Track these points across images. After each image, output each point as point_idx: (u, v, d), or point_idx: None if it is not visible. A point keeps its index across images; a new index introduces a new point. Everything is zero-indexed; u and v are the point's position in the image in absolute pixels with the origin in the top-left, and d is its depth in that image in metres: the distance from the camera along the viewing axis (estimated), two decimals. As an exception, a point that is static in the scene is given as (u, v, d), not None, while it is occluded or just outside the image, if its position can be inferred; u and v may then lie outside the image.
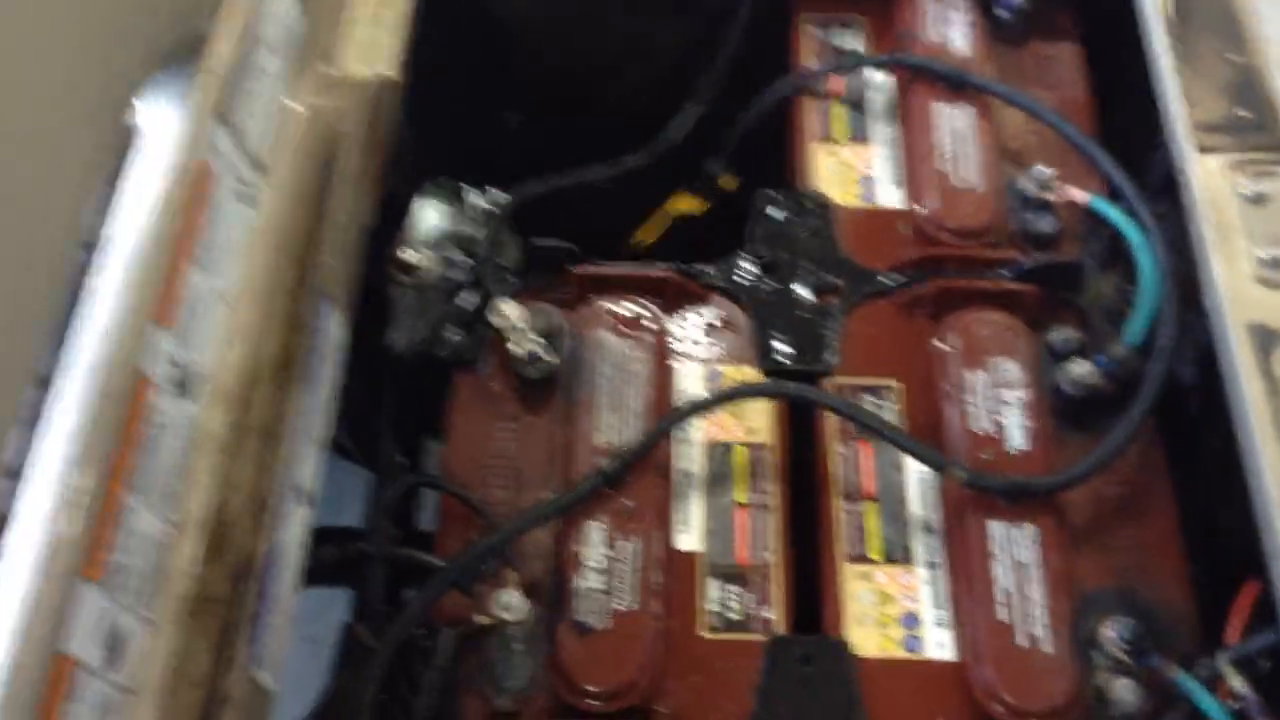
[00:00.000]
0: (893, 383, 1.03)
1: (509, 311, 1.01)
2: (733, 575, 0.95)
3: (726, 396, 0.97)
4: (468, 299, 1.07)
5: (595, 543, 0.93)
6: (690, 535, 0.97)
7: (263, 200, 0.87)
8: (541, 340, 1.01)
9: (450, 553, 0.96)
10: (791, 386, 0.97)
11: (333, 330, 0.90)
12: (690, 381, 1.04)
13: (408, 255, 1.07)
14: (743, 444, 1.01)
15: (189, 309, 0.78)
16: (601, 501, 0.94)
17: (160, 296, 0.75)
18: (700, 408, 0.96)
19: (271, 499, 0.80)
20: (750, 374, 1.04)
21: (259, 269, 0.85)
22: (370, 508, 1.02)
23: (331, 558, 0.92)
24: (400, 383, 1.09)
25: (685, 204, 1.30)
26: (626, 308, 1.04)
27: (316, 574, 0.91)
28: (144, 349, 0.73)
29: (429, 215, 1.11)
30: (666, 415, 0.96)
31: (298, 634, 1.58)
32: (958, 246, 1.08)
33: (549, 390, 1.03)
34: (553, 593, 0.93)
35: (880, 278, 1.08)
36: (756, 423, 1.02)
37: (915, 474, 0.99)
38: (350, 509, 1.80)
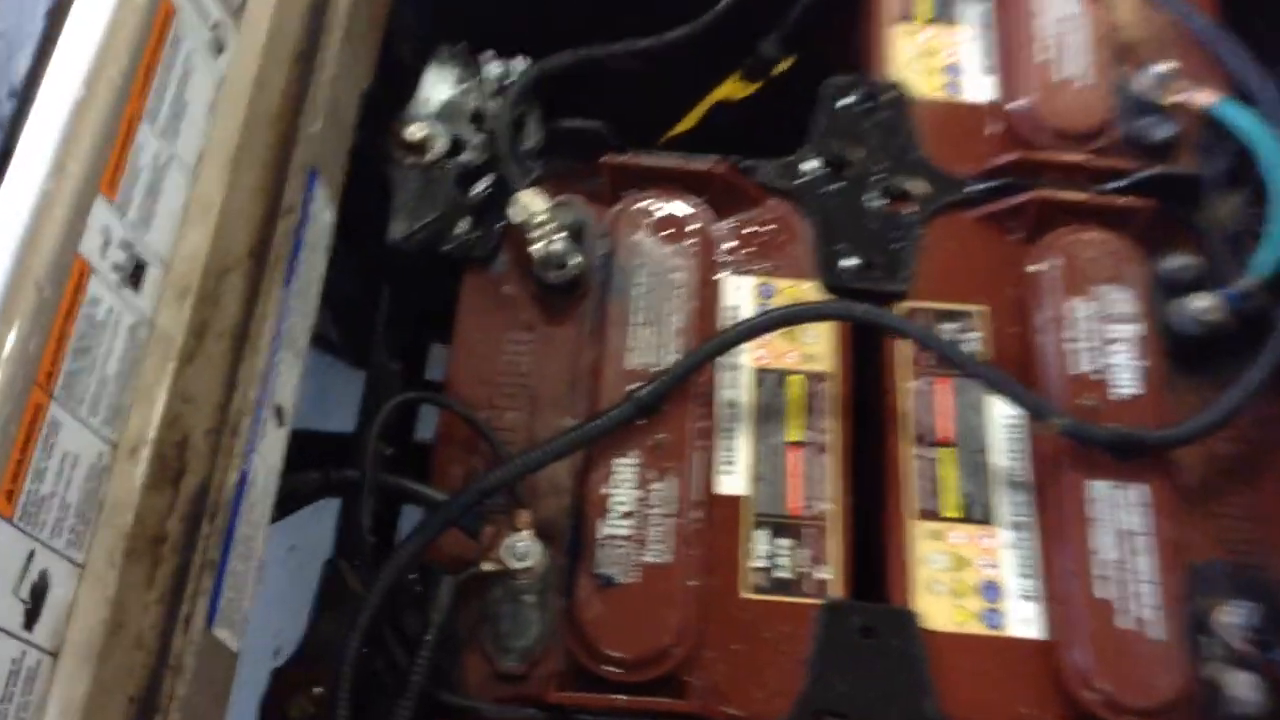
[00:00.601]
0: (977, 309, 0.88)
1: (529, 203, 0.86)
2: (783, 526, 0.81)
3: (784, 319, 0.81)
4: (481, 186, 0.91)
5: (624, 482, 0.79)
6: (735, 477, 0.82)
7: (236, 48, 0.70)
8: (566, 239, 0.86)
9: (451, 481, 0.82)
10: (860, 308, 0.82)
11: (319, 213, 0.74)
12: (740, 296, 0.88)
13: (413, 131, 0.91)
14: (798, 372, 0.86)
15: (141, 179, 0.62)
16: (632, 434, 0.80)
17: (106, 162, 0.59)
18: (753, 330, 0.81)
19: (239, 418, 0.65)
20: (810, 291, 0.89)
21: (229, 133, 0.69)
22: (358, 422, 0.87)
23: (311, 485, 0.77)
24: (399, 280, 0.94)
25: (730, 88, 1.13)
26: (668, 206, 0.89)
27: (291, 502, 0.77)
28: (84, 226, 0.58)
29: (440, 86, 0.95)
30: (713, 338, 0.81)
31: (275, 543, 1.45)
32: (1058, 152, 0.92)
33: (573, 298, 0.87)
34: (571, 538, 0.79)
35: (966, 185, 0.92)
36: (815, 348, 0.87)
37: (1001, 417, 0.84)
38: (336, 413, 1.65)
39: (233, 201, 0.68)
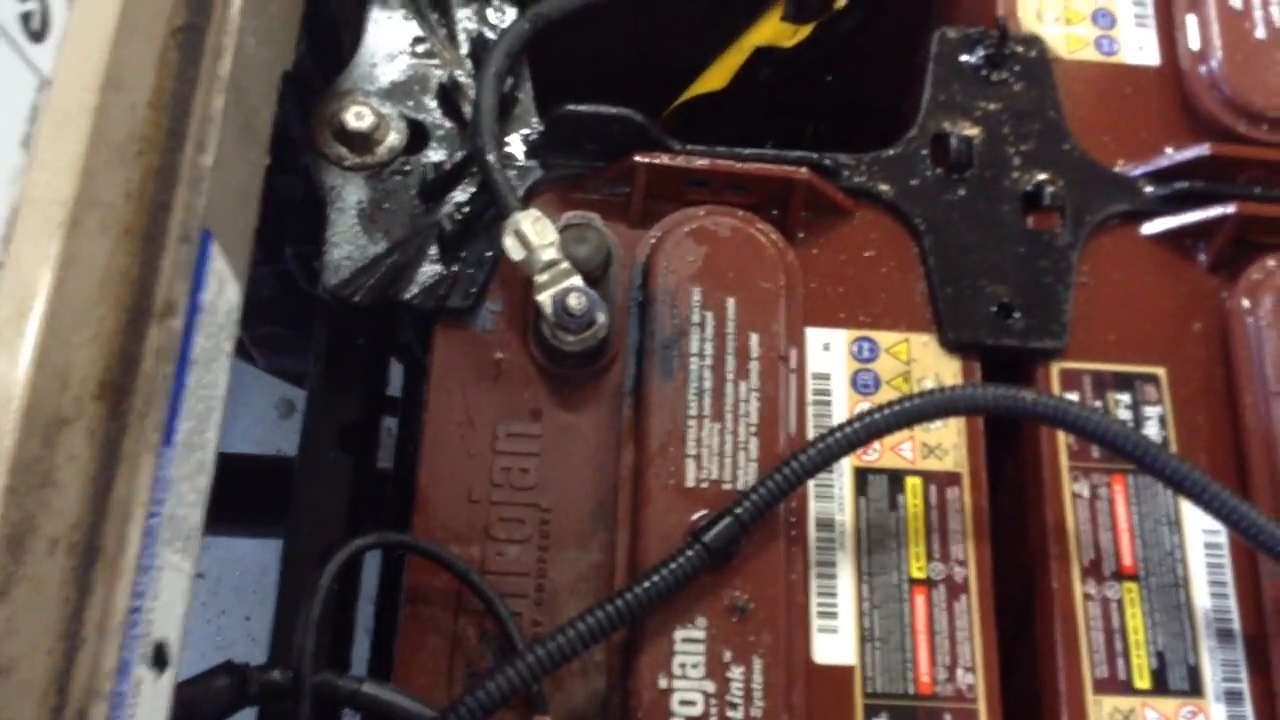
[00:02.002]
0: (1156, 370, 0.63)
1: (532, 231, 0.58)
2: (909, 713, 0.56)
3: (919, 412, 0.55)
4: (455, 199, 0.63)
5: (690, 670, 0.53)
6: (837, 639, 0.57)
7: (67, 31, 0.41)
8: (582, 285, 0.58)
9: (426, 674, 0.55)
10: (1040, 400, 0.56)
11: (216, 300, 0.46)
12: (829, 360, 0.62)
13: (353, 116, 0.62)
14: (917, 473, 0.61)
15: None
16: (699, 592, 0.54)
17: None
18: (871, 433, 0.55)
19: (88, 691, 0.38)
20: (928, 348, 0.63)
21: (57, 181, 0.40)
22: (280, 573, 0.60)
23: (219, 698, 0.50)
24: (342, 335, 0.66)
25: (772, 30, 0.85)
26: (732, 228, 0.61)
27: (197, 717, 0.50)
28: None
29: (389, 46, 0.65)
30: (812, 443, 0.55)
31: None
32: (1267, 142, 0.66)
33: (599, 370, 0.61)
34: (615, 755, 0.54)
35: (1138, 188, 0.66)
36: (939, 435, 0.61)
37: (1201, 532, 0.60)
38: (245, 423, 1.37)
39: (65, 303, 0.39)
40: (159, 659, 0.42)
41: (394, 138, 0.63)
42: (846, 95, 0.88)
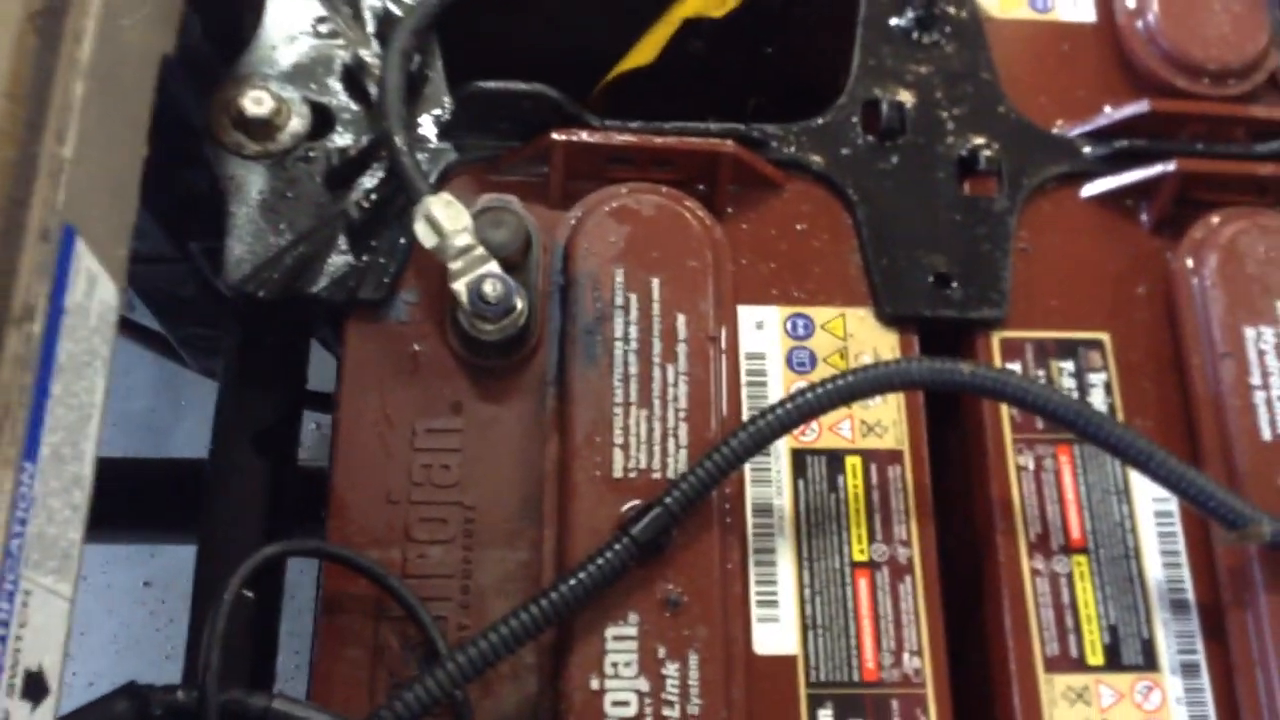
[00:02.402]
0: (1100, 336, 0.61)
1: (445, 216, 0.55)
2: (854, 701, 0.54)
3: (854, 389, 0.53)
4: (364, 186, 0.60)
5: (623, 668, 0.51)
6: (778, 628, 0.55)
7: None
8: (498, 271, 0.56)
9: (345, 686, 0.53)
10: (978, 372, 0.54)
11: (85, 302, 0.43)
12: (763, 339, 0.60)
13: (252, 102, 0.59)
14: (856, 452, 0.58)
15: None
16: (629, 588, 0.52)
17: None
18: (805, 413, 0.53)
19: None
20: (864, 322, 0.60)
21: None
22: (193, 595, 0.57)
23: (125, 717, 0.47)
24: (249, 331, 0.63)
25: (700, 1, 0.82)
26: (655, 206, 0.59)
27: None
28: None
29: (290, 26, 0.62)
30: (743, 425, 0.53)
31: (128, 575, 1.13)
32: (1208, 96, 0.64)
33: (521, 360, 0.58)
34: (547, 762, 0.51)
35: (1076, 149, 0.64)
36: (878, 413, 0.59)
37: (1149, 501, 0.58)
38: (189, 426, 1.33)
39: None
40: (33, 689, 0.39)
41: (296, 123, 0.59)
42: (788, 67, 0.86)
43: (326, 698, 0.52)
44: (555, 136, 0.59)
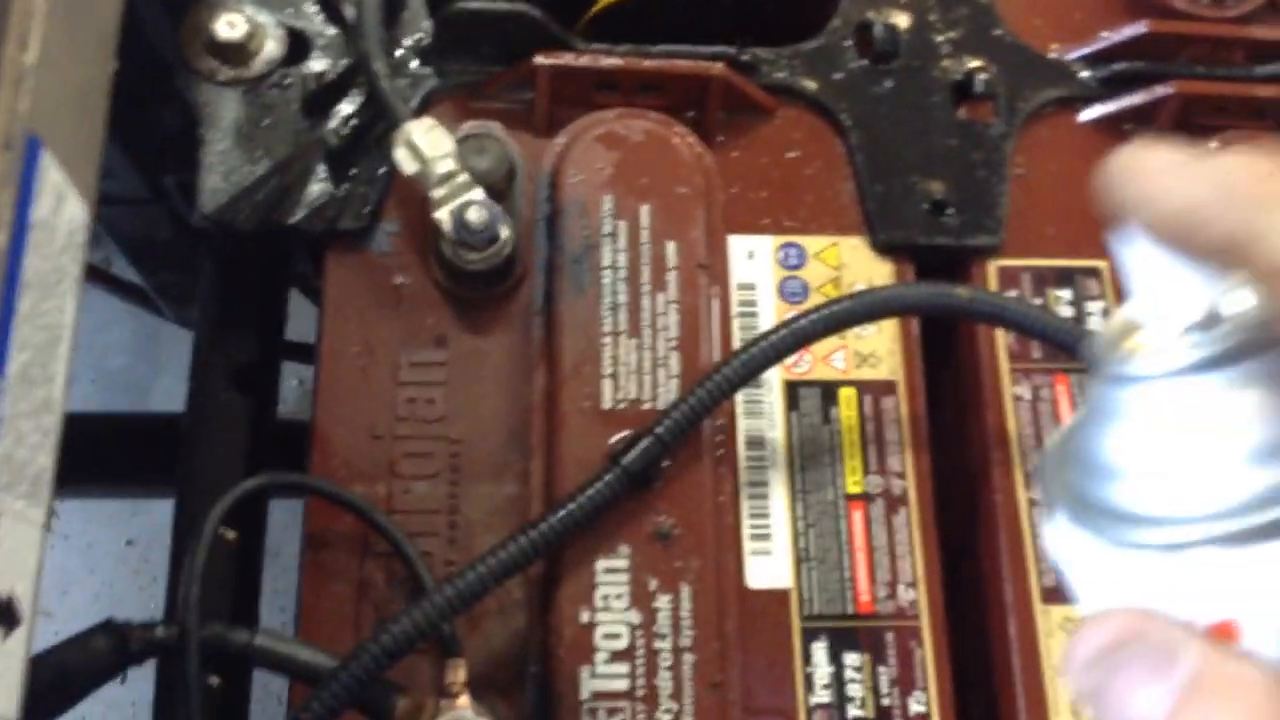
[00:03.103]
0: (1100, 264, 0.60)
1: (425, 141, 0.53)
2: (849, 634, 0.53)
3: (848, 315, 0.52)
4: (343, 113, 0.58)
5: (613, 600, 0.50)
6: (771, 561, 0.54)
7: None
8: (487, 197, 0.54)
9: (331, 621, 0.51)
10: (976, 296, 0.53)
11: (53, 217, 0.41)
12: (754, 268, 0.58)
13: (224, 25, 0.57)
14: (850, 383, 0.57)
15: None
16: (620, 520, 0.51)
17: None
18: (799, 339, 0.52)
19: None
20: (857, 251, 0.59)
21: None
22: (173, 538, 0.55)
23: (99, 660, 0.46)
24: (226, 265, 0.61)
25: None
26: (642, 132, 0.57)
27: (68, 691, 0.46)
28: None
29: (260, -54, 0.60)
30: (733, 354, 0.51)
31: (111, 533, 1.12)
32: (1206, 18, 0.62)
33: (506, 290, 0.56)
34: (536, 698, 0.50)
35: (1073, 73, 0.63)
36: (872, 343, 0.58)
37: (1148, 433, 0.57)
38: (168, 382, 1.30)
39: None
40: (6, 615, 0.37)
41: (271, 47, 0.58)
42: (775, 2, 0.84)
43: (312, 634, 0.50)
44: (540, 60, 0.57)
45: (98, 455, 0.85)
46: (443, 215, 0.53)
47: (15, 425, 0.37)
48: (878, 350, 0.57)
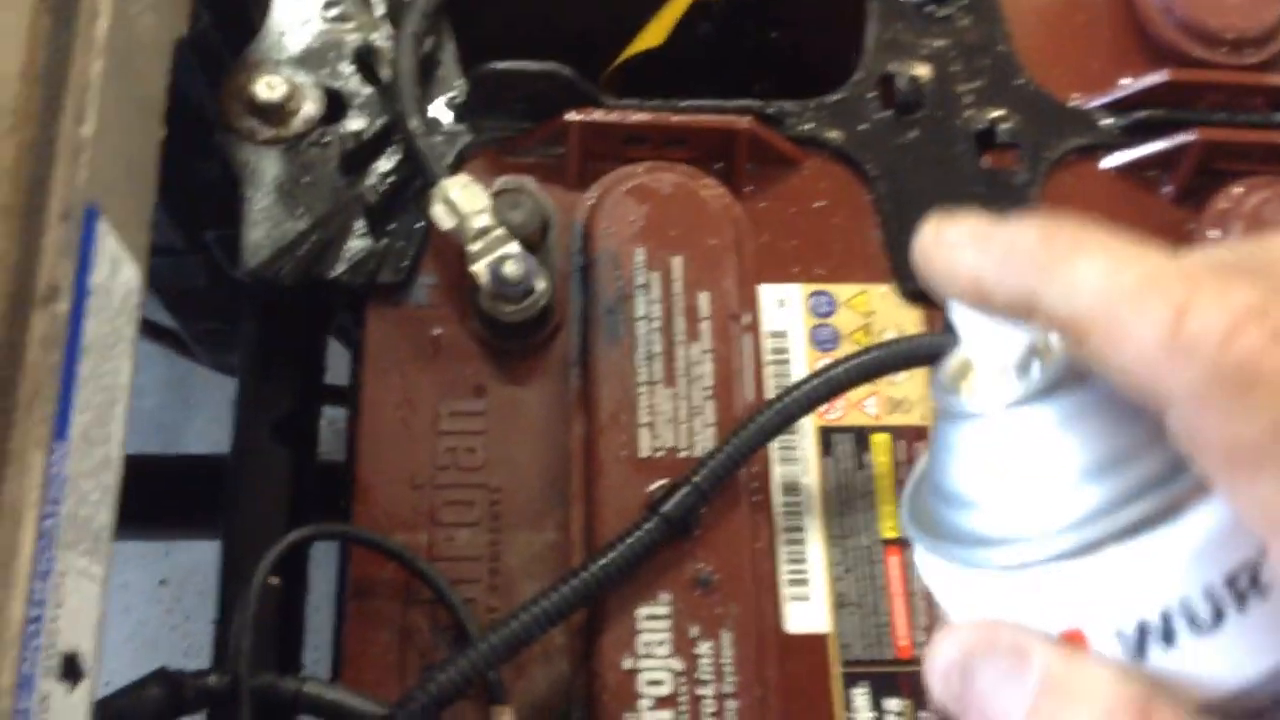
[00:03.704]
0: (1125, 308, 0.61)
1: (461, 198, 0.55)
2: (889, 680, 0.54)
3: (880, 364, 0.53)
4: (381, 170, 0.59)
5: (656, 647, 0.50)
6: (809, 607, 0.54)
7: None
8: (518, 250, 0.55)
9: (375, 669, 0.52)
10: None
11: (109, 282, 0.42)
12: (786, 316, 0.59)
13: (264, 87, 0.58)
14: (883, 429, 0.58)
15: None
16: (660, 566, 0.51)
17: None
18: (833, 388, 0.52)
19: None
20: (886, 299, 0.60)
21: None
22: (221, 572, 0.56)
23: (149, 708, 0.47)
24: (267, 320, 0.62)
25: (709, -21, 0.81)
26: (674, 184, 0.58)
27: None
28: None
29: (300, 8, 0.62)
30: (770, 403, 0.52)
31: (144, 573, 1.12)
32: (1225, 65, 0.63)
33: (542, 340, 0.57)
34: (581, 744, 0.51)
35: (1093, 121, 0.64)
36: (904, 389, 0.58)
37: (1179, 474, 0.58)
38: (199, 424, 1.31)
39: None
40: (69, 671, 0.38)
41: (310, 108, 0.59)
42: (794, 50, 0.85)
43: (356, 680, 0.51)
44: (570, 117, 0.59)
45: (132, 496, 0.86)
46: (480, 268, 0.55)
47: (78, 485, 0.38)
48: (909, 396, 0.58)
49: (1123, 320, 0.21)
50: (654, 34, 0.76)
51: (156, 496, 0.87)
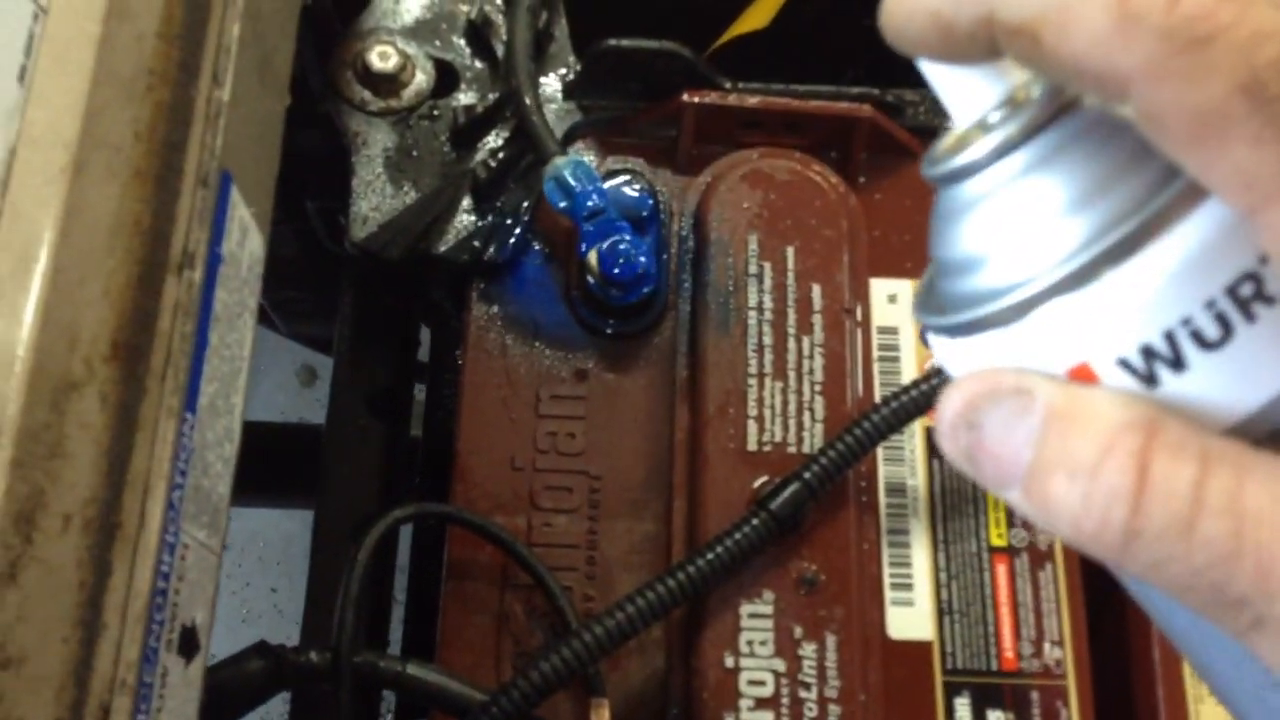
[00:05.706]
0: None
1: (571, 175, 0.54)
2: (993, 690, 0.52)
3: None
4: (490, 144, 0.58)
5: (758, 646, 0.49)
6: (912, 612, 0.53)
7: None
8: (630, 234, 0.54)
9: (471, 654, 0.51)
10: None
11: (238, 250, 0.41)
12: (896, 312, 0.58)
13: (377, 57, 0.58)
14: (994, 431, 0.56)
15: None
16: (765, 564, 0.50)
17: None
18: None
19: (110, 687, 0.34)
20: (1002, 298, 0.58)
21: (58, 119, 0.36)
22: (313, 534, 0.56)
23: (254, 681, 0.46)
24: (366, 293, 0.61)
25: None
26: (789, 172, 0.57)
27: (224, 712, 0.46)
28: None
29: (411, -22, 0.61)
30: (883, 401, 0.51)
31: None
32: None
33: (648, 326, 0.56)
34: (678, 741, 0.50)
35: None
36: (1017, 391, 0.57)
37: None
38: (265, 390, 1.32)
39: (71, 255, 0.35)
40: (187, 644, 0.38)
41: (421, 80, 0.58)
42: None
43: (451, 663, 0.50)
44: (686, 98, 0.57)
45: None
46: (589, 250, 0.54)
47: (203, 456, 0.38)
48: (1021, 399, 0.56)
49: (1070, 7, 0.21)
50: (759, 15, 0.75)
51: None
